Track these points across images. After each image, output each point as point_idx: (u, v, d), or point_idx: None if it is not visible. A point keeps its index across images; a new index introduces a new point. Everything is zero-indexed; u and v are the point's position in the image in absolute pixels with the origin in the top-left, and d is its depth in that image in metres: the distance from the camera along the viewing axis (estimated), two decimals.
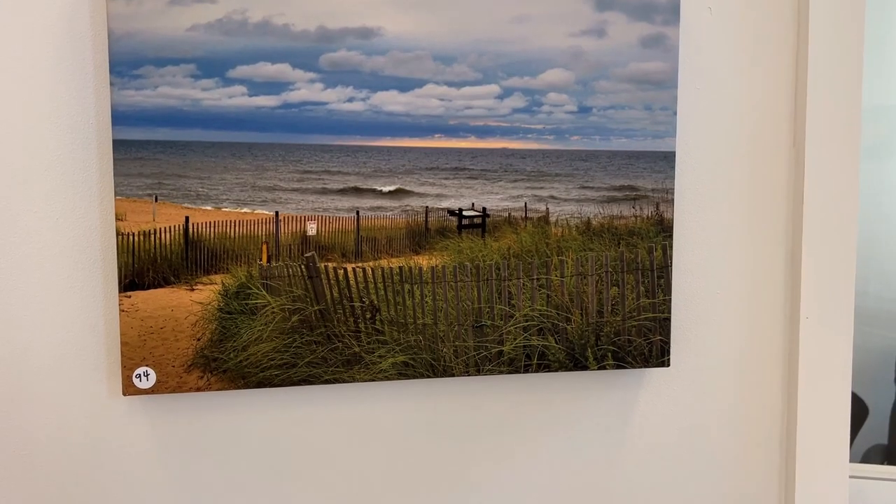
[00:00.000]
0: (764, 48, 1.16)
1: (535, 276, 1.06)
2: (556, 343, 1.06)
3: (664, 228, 1.09)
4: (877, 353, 2.68)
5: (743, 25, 1.14)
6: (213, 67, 0.93)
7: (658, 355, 1.09)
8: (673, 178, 1.09)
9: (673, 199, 1.09)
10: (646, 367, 1.09)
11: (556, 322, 1.06)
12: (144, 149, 0.93)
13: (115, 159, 0.92)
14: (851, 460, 1.21)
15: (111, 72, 0.91)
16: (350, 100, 0.99)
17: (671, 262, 1.09)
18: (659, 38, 1.06)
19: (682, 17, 1.09)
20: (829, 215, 1.17)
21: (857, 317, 1.21)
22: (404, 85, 1.00)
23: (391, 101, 1.00)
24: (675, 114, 1.08)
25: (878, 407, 2.52)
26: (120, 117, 0.91)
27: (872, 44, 2.60)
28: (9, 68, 0.93)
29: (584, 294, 1.06)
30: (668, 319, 1.09)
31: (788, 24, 1.16)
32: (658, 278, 1.09)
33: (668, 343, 1.09)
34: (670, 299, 1.09)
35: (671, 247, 1.09)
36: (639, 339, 1.08)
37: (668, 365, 1.10)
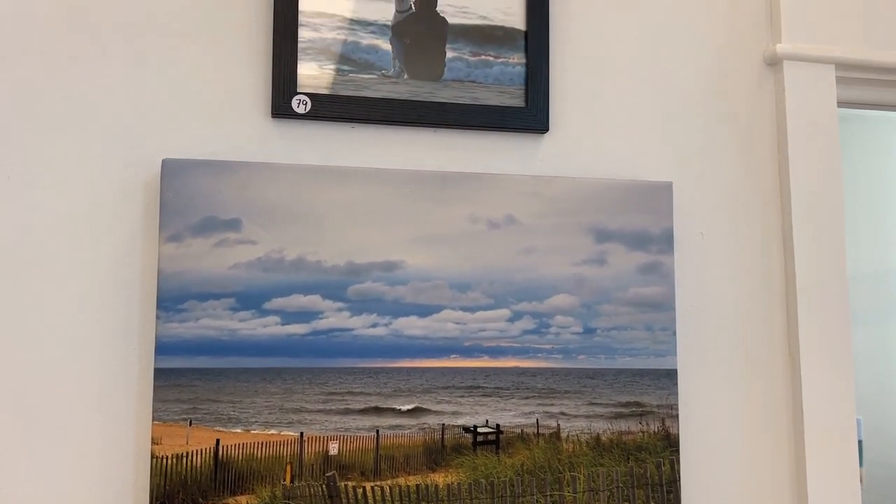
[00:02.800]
0: (754, 266, 1.26)
1: (549, 493, 1.09)
2: None
3: (671, 443, 1.13)
4: None
5: (734, 245, 1.25)
6: (250, 300, 1.03)
7: None
8: (676, 394, 1.15)
9: (678, 415, 1.15)
10: None
11: None
12: (183, 376, 1.00)
13: (155, 386, 0.99)
14: None
15: (158, 306, 1.00)
16: (374, 325, 1.07)
17: (679, 477, 1.13)
18: (655, 265, 1.16)
19: (676, 244, 1.20)
20: (828, 427, 1.22)
21: (873, 484, 1.21)
22: (423, 311, 1.09)
23: (411, 326, 1.08)
24: (675, 333, 1.16)
25: None
26: (163, 347, 1.00)
27: (874, 210, 2.75)
28: (62, 307, 1.02)
29: None
30: None
31: (775, 242, 1.27)
32: (667, 493, 1.12)
33: None
34: None
35: (678, 461, 1.13)
36: None
37: None
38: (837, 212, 1.28)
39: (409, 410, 1.08)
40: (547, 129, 1.20)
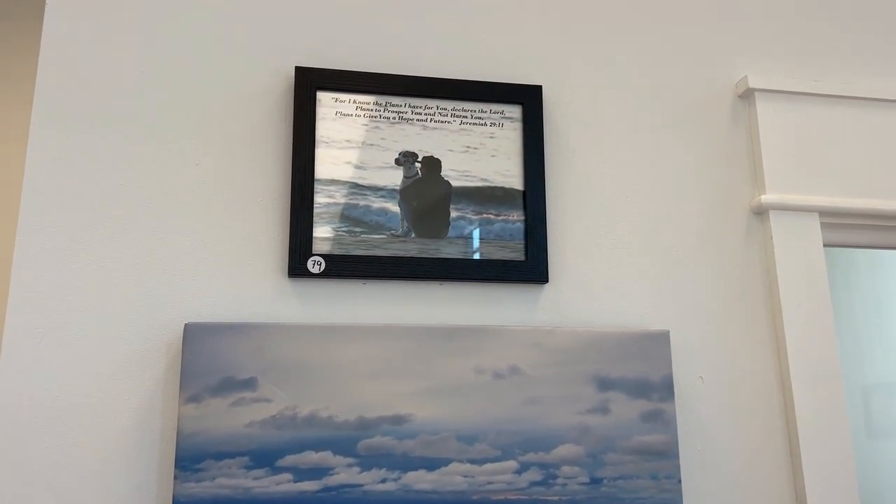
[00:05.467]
0: (754, 406, 1.28)
1: None
2: None
3: None
4: None
5: (732, 388, 1.28)
6: (264, 458, 1.06)
7: None
8: None
9: None
10: None
11: None
12: None
13: None
14: None
15: (176, 466, 1.04)
16: (383, 480, 1.10)
17: None
18: (657, 412, 1.19)
19: (677, 391, 1.24)
20: None
21: None
22: (432, 464, 1.11)
23: (420, 480, 1.11)
24: (680, 481, 1.18)
25: None
26: None
27: (888, 320, 2.76)
28: (82, 466, 1.06)
29: None
30: None
31: (773, 381, 1.30)
32: None
33: None
34: None
35: None
36: None
37: None
38: (830, 347, 1.32)
39: None
40: (547, 281, 1.26)
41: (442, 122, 1.30)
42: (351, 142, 1.25)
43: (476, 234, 1.26)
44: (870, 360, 2.81)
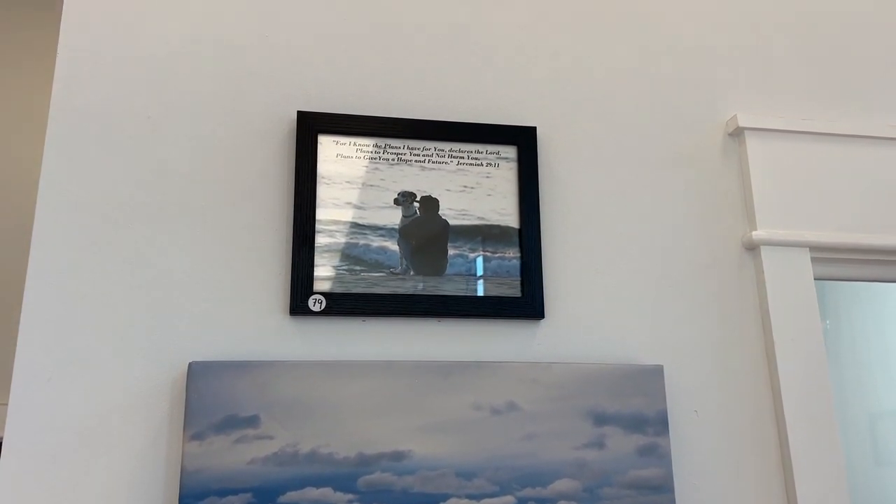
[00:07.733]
0: (749, 439, 1.30)
1: None
2: None
3: None
4: None
5: (727, 421, 1.30)
6: (266, 495, 1.08)
7: None
8: None
9: None
10: None
11: None
12: None
13: None
14: None
15: (180, 503, 1.05)
16: None
17: None
18: (652, 447, 1.21)
19: (671, 425, 1.26)
20: None
21: None
22: (431, 500, 1.13)
23: None
24: None
25: None
26: None
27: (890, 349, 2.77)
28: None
29: None
30: None
31: (767, 413, 1.32)
32: None
33: None
34: None
35: None
36: None
37: None
38: (823, 379, 1.34)
39: None
40: (543, 316, 1.29)
41: (439, 162, 1.33)
42: (351, 183, 1.29)
43: (474, 271, 1.29)
44: (875, 388, 2.82)
